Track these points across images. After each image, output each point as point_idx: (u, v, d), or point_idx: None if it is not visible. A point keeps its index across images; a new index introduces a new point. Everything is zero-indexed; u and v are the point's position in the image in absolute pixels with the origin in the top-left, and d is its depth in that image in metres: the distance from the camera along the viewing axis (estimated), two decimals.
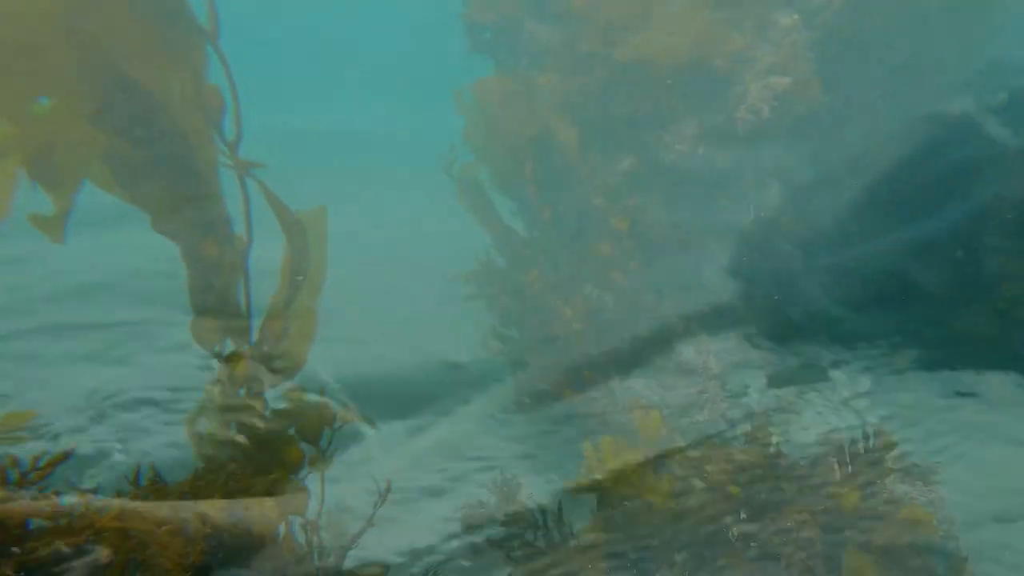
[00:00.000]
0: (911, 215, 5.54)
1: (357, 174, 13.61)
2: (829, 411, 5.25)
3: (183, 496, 3.04)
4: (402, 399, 6.03)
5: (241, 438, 3.22)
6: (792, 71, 5.68)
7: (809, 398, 5.37)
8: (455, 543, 4.22)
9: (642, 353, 5.85)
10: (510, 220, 7.31)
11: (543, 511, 4.04)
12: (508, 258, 7.17)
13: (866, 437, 4.46)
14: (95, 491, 3.01)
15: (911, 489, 4.47)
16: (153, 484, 3.05)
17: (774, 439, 4.89)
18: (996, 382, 5.20)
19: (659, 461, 4.76)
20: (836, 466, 4.37)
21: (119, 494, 2.91)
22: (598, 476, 4.24)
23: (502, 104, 6.81)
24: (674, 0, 6.04)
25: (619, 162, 6.44)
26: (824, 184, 6.10)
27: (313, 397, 3.60)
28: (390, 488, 2.88)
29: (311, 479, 3.26)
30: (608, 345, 5.97)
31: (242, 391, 3.35)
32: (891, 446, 4.42)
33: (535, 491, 4.62)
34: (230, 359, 3.42)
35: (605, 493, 4.31)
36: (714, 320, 5.94)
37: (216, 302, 3.61)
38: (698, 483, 4.54)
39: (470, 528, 4.18)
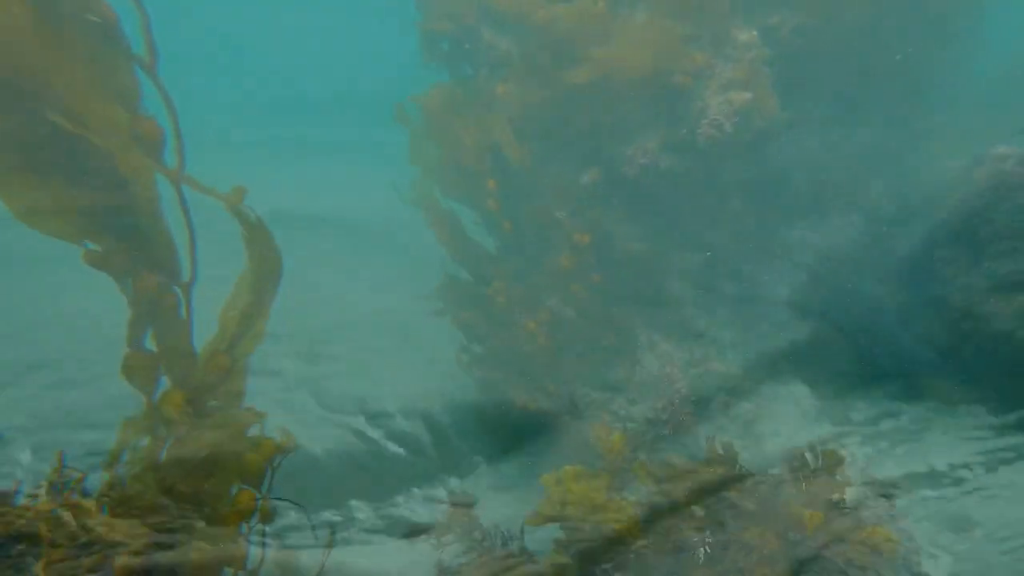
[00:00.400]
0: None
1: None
2: None
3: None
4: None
5: (176, 482, 3.06)
6: (752, 86, 5.63)
7: None
8: None
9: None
10: (471, 230, 7.14)
11: None
12: (472, 272, 7.03)
13: None
14: (16, 491, 2.87)
15: None
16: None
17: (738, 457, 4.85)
18: None
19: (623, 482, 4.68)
20: None
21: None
22: (560, 505, 4.14)
23: (453, 114, 6.62)
24: (634, 14, 5.96)
25: (581, 175, 6.35)
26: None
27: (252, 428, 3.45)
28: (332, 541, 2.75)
29: None
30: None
31: (171, 430, 3.18)
32: None
33: None
34: (165, 397, 3.26)
35: (568, 521, 4.22)
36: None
37: (155, 337, 3.44)
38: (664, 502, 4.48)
39: None
